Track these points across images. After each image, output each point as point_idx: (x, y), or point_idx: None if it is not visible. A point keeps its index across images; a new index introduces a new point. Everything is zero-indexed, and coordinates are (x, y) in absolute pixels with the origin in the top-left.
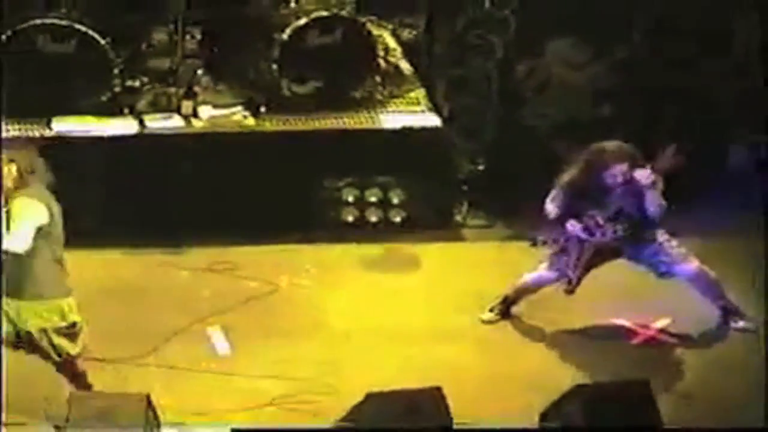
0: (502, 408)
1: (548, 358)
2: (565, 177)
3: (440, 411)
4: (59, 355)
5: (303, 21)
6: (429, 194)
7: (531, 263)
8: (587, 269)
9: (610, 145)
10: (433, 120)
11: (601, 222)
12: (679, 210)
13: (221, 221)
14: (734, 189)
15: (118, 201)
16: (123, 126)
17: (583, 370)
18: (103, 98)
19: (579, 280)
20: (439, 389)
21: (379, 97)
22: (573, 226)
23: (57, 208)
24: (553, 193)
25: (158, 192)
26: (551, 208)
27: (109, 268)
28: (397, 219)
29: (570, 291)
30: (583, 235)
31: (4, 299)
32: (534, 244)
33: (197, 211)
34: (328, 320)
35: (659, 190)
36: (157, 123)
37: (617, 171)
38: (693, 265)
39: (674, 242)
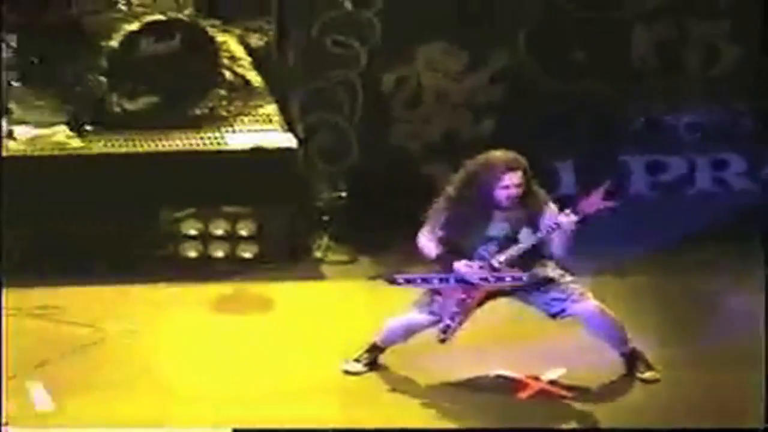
0: None
1: (424, 415)
2: (444, 197)
3: None
4: None
5: (135, 26)
6: (283, 225)
7: (402, 305)
8: (470, 314)
9: (497, 152)
10: (287, 140)
11: (497, 264)
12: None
13: (39, 258)
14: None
15: None
16: None
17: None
18: None
19: (457, 327)
20: None
21: (224, 113)
22: (469, 267)
23: None
24: (428, 223)
25: None
26: (426, 242)
27: None
28: (247, 254)
29: (444, 340)
30: (477, 280)
31: None
32: (392, 281)
33: (11, 248)
34: (164, 372)
35: (572, 233)
36: None
37: (509, 182)
38: (590, 303)
39: (568, 277)
